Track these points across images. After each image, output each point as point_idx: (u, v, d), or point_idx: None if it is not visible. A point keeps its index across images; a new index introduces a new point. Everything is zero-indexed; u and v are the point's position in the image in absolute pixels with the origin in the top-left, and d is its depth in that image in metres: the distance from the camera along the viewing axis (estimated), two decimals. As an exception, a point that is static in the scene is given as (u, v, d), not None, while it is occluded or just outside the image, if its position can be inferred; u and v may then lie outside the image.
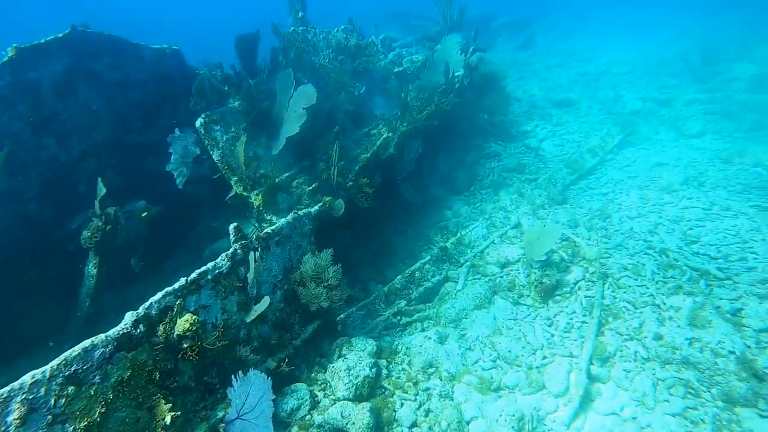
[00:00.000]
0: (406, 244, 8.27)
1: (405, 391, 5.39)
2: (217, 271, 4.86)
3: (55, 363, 3.18)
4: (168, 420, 3.68)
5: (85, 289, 5.91)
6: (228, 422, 4.24)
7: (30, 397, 3.05)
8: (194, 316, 4.15)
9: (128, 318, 3.70)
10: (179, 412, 3.83)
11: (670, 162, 9.61)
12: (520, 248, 7.13)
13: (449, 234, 7.94)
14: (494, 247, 7.33)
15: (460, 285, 6.78)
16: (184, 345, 4.03)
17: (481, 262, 7.10)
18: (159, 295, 4.11)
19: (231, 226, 5.29)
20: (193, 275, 4.58)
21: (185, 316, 4.09)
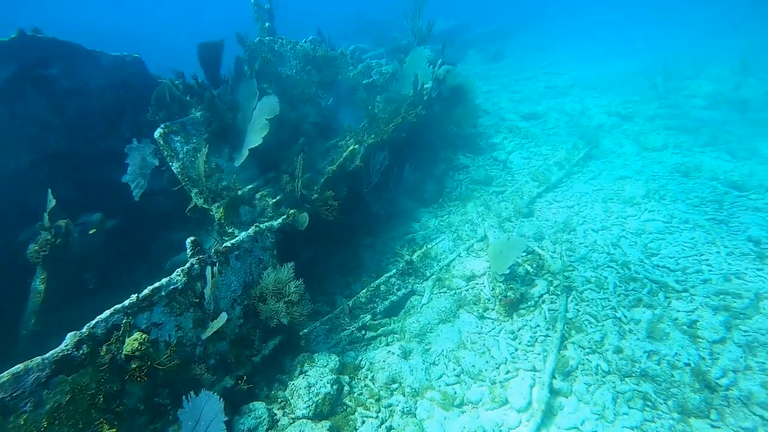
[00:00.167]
0: (373, 256, 8.20)
1: (367, 408, 5.30)
2: (171, 287, 4.70)
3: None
4: (111, 446, 3.51)
5: (30, 306, 5.62)
6: (178, 445, 4.08)
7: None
8: (144, 335, 3.99)
9: (69, 339, 3.52)
10: (124, 437, 3.66)
11: (632, 175, 9.83)
12: (486, 261, 7.14)
13: (416, 246, 7.91)
14: (460, 260, 7.33)
15: (425, 299, 6.74)
16: (133, 365, 3.86)
17: (447, 276, 7.08)
18: (107, 313, 3.94)
19: (188, 241, 5.14)
20: (146, 291, 4.41)
21: (134, 334, 3.93)
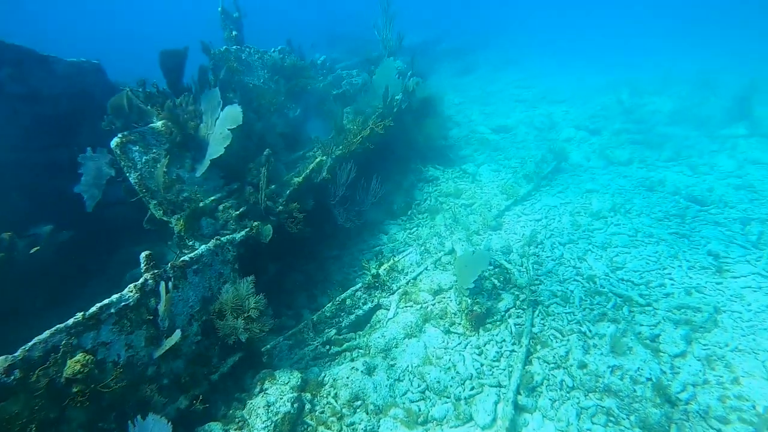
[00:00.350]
0: (341, 269, 8.09)
1: (328, 427, 5.16)
2: (122, 304, 4.50)
3: None
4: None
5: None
6: (123, 474, 3.87)
7: None
8: (89, 356, 3.79)
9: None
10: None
11: (599, 189, 10.00)
12: (453, 275, 7.10)
13: (384, 259, 7.82)
14: (427, 274, 7.27)
15: (391, 313, 6.65)
16: (74, 389, 3.65)
17: (414, 290, 7.01)
18: (46, 333, 3.72)
19: (142, 255, 4.95)
20: (93, 309, 4.21)
21: (77, 356, 3.72)
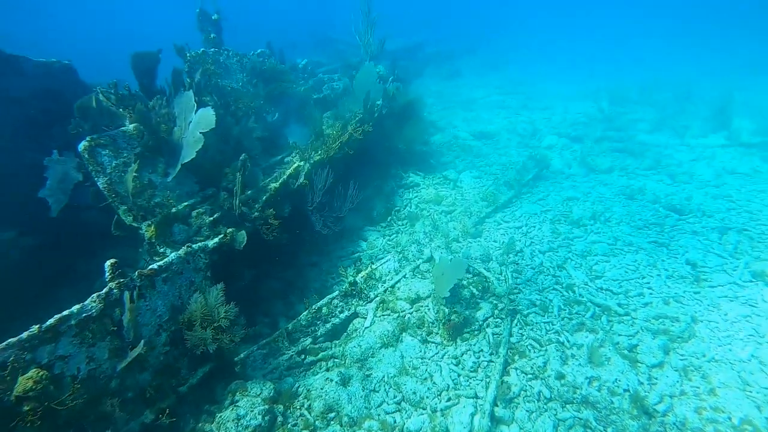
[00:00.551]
0: (319, 276, 7.95)
1: (300, 441, 5.03)
2: (84, 315, 4.33)
3: None
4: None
5: None
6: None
7: None
8: (42, 372, 3.61)
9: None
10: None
11: (580, 196, 10.01)
12: (431, 283, 7.02)
13: (363, 266, 7.71)
14: (405, 281, 7.17)
15: (368, 322, 6.54)
16: (26, 407, 3.48)
17: (392, 298, 6.91)
18: (-3, 348, 3.54)
19: (107, 263, 4.77)
20: (50, 321, 4.03)
21: (30, 372, 3.55)
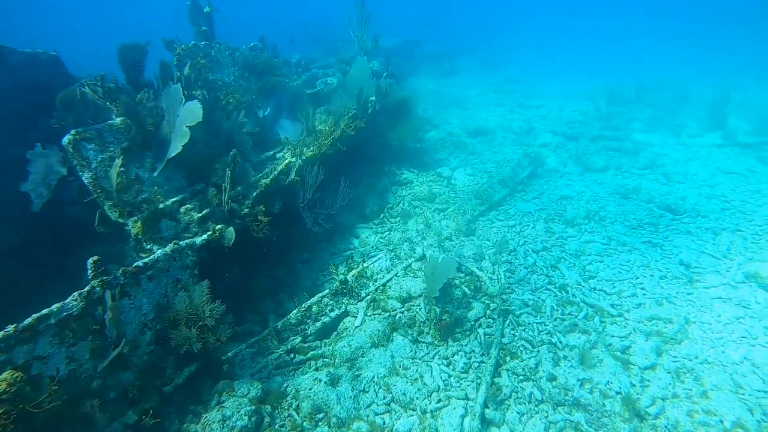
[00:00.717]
0: (310, 273, 7.85)
1: (287, 442, 4.94)
2: (64, 314, 4.21)
3: None
4: None
5: None
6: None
7: None
8: (18, 373, 3.49)
9: None
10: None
11: (574, 195, 9.95)
12: (423, 282, 6.93)
13: (354, 264, 7.61)
14: (397, 280, 7.08)
15: (358, 321, 6.44)
16: (-1, 410, 3.37)
17: (383, 297, 6.81)
18: (-30, 348, 3.43)
19: (89, 260, 4.65)
20: (28, 320, 3.90)
21: (4, 373, 3.43)
